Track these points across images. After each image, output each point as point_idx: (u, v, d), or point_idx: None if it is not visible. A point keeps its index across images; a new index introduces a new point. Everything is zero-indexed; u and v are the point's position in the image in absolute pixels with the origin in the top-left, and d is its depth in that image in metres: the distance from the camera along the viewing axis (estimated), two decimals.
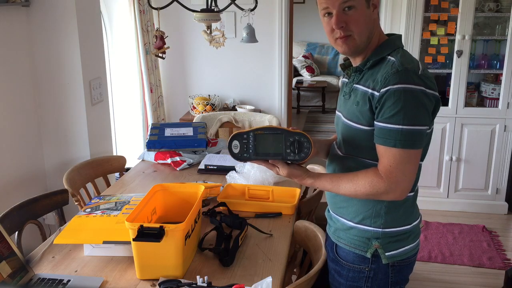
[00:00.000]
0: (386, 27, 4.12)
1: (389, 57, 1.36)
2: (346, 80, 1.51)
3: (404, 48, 1.43)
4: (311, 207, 2.25)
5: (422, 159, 1.42)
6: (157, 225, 1.45)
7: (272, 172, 2.26)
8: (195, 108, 4.18)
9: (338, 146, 1.53)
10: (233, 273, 1.56)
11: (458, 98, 3.73)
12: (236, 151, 1.47)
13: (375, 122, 1.34)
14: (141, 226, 1.45)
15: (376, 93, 1.31)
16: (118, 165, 2.69)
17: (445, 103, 3.79)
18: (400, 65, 1.31)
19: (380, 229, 1.44)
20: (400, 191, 1.34)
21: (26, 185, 2.66)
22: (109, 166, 2.65)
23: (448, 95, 3.77)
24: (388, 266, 1.47)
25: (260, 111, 4.29)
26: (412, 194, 1.47)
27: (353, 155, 1.46)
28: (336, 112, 1.57)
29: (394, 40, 1.42)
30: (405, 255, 1.48)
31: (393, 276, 1.48)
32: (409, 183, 1.35)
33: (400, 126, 1.28)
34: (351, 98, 1.43)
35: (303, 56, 7.86)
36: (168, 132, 2.81)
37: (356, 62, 1.45)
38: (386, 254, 1.45)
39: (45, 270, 1.59)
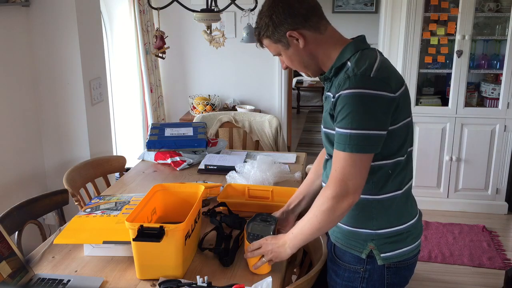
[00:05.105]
0: (386, 27, 4.12)
1: (348, 62, 1.38)
2: None
3: (376, 48, 1.45)
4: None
5: (403, 155, 1.42)
6: (157, 225, 1.45)
7: (272, 172, 2.28)
8: (195, 108, 4.18)
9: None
10: (233, 273, 1.56)
11: (458, 98, 3.73)
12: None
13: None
14: (141, 226, 1.45)
15: (334, 100, 1.36)
16: (118, 165, 2.69)
17: (445, 103, 3.79)
18: (352, 71, 1.33)
19: (374, 231, 1.44)
20: (348, 192, 1.33)
21: (26, 185, 2.66)
22: (109, 166, 2.65)
23: (448, 95, 3.77)
24: (384, 267, 1.46)
25: (260, 111, 4.29)
26: (399, 192, 1.45)
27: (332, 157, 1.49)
28: None
29: (353, 44, 1.42)
30: (401, 256, 1.47)
31: (389, 278, 1.48)
32: (357, 183, 1.33)
33: (348, 131, 1.30)
34: (324, 105, 1.48)
35: None
36: (168, 132, 2.81)
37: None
38: (382, 255, 1.45)
39: (45, 270, 1.59)
